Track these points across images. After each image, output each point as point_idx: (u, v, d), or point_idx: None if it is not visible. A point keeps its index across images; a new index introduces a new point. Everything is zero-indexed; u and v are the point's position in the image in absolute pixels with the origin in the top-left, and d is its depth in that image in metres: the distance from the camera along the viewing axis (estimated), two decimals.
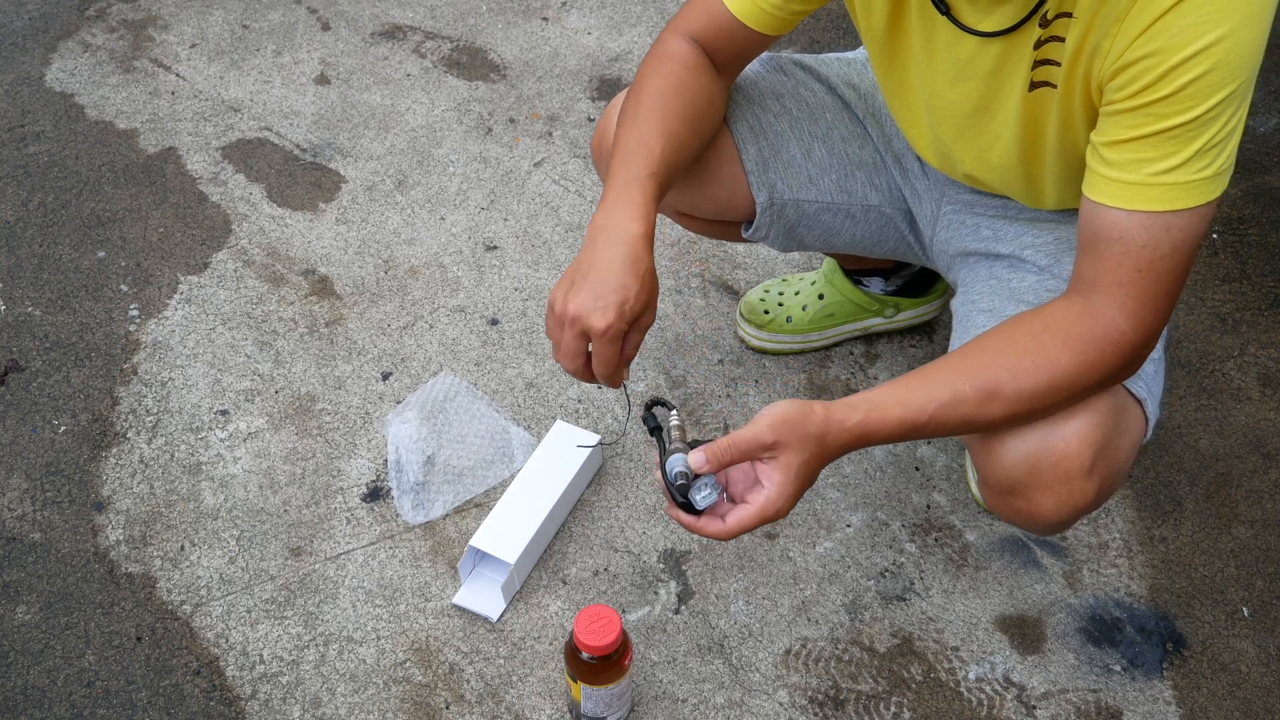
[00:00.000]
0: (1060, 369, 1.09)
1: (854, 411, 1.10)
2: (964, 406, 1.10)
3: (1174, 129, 1.00)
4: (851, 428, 1.10)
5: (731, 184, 1.44)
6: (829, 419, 1.09)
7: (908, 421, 1.10)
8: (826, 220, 1.49)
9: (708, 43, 1.31)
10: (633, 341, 1.20)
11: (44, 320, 1.84)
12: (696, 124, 1.30)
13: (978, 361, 1.11)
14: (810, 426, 1.08)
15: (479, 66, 2.29)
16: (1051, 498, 1.18)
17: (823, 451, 1.10)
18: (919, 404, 1.10)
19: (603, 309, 1.15)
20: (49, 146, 2.12)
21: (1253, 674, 1.46)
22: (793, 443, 1.08)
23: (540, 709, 1.42)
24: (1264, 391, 1.74)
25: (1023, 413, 1.12)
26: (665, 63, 1.30)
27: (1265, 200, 2.02)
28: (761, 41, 1.32)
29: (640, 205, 1.19)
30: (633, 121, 1.25)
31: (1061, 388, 1.10)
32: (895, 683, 1.45)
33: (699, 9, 1.31)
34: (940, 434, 1.13)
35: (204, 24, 2.37)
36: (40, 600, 1.52)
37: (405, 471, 1.64)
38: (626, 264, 1.17)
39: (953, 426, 1.12)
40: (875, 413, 1.10)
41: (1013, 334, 1.12)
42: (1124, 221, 1.05)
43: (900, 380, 1.13)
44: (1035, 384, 1.09)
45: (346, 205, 2.03)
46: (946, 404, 1.10)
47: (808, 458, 1.09)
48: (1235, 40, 0.96)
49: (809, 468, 1.10)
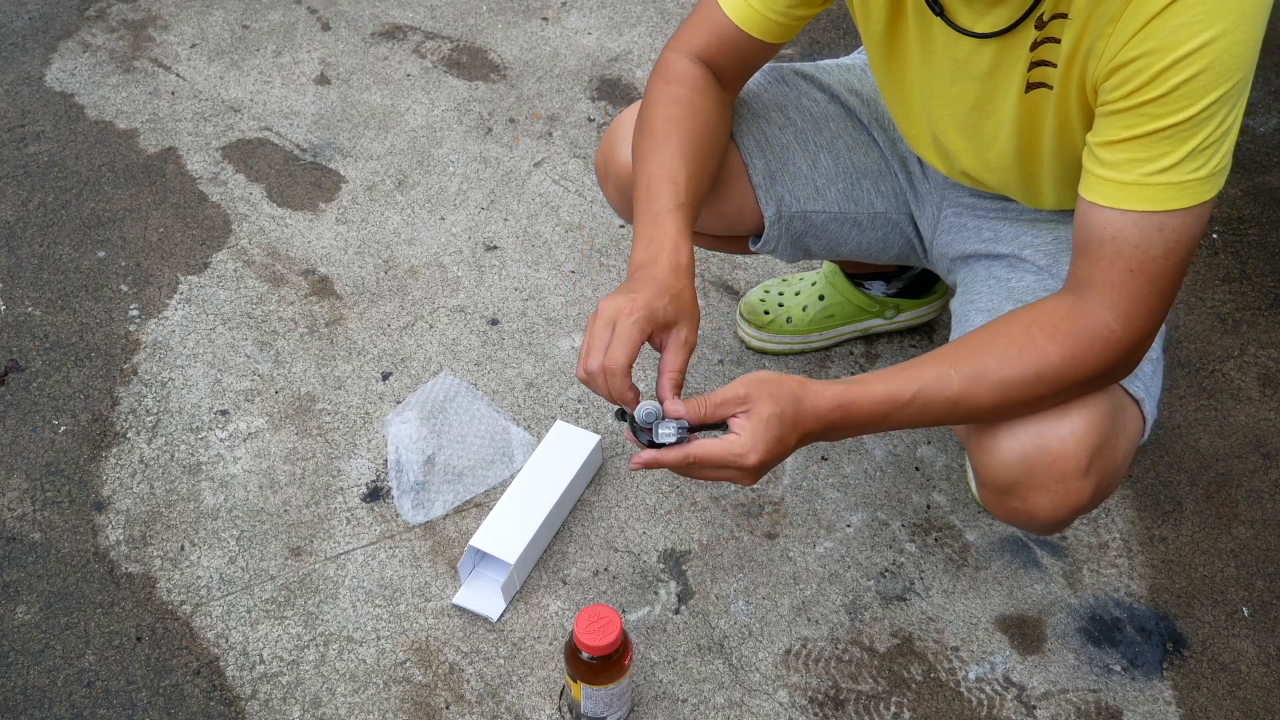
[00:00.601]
0: (1047, 360, 1.09)
1: (835, 384, 1.12)
2: (949, 389, 1.11)
3: (1168, 129, 1.00)
4: (830, 396, 1.11)
5: (739, 199, 1.45)
6: (805, 385, 1.11)
7: (890, 398, 1.11)
8: (834, 229, 1.49)
9: (711, 58, 1.31)
10: (671, 358, 1.17)
11: (44, 320, 1.84)
12: (711, 146, 1.30)
13: (966, 350, 1.13)
14: (785, 386, 1.11)
15: (479, 66, 2.29)
16: (1048, 497, 1.18)
17: (797, 412, 1.11)
18: (902, 381, 1.11)
19: (632, 296, 1.15)
20: (49, 146, 2.12)
21: (1253, 674, 1.46)
22: (764, 396, 1.10)
23: (540, 709, 1.42)
24: (1264, 391, 1.74)
25: (1008, 401, 1.12)
26: (672, 86, 1.30)
27: (1265, 200, 2.02)
28: (766, 50, 1.32)
29: (673, 237, 1.20)
30: (651, 152, 1.25)
31: (1048, 379, 1.10)
32: (895, 683, 1.45)
33: (700, 23, 1.31)
34: (925, 419, 1.13)
35: (204, 24, 2.37)
36: (40, 600, 1.52)
37: (405, 471, 1.64)
38: (665, 279, 1.18)
39: (937, 410, 1.12)
40: (856, 386, 1.12)
41: (1003, 325, 1.13)
42: (1117, 221, 1.05)
43: (889, 367, 1.15)
44: (1020, 372, 1.10)
45: (346, 205, 2.03)
46: (930, 384, 1.11)
47: (780, 411, 1.10)
48: (1229, 40, 0.96)
49: (780, 421, 1.10)
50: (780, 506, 1.62)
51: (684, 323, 1.18)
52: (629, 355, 1.14)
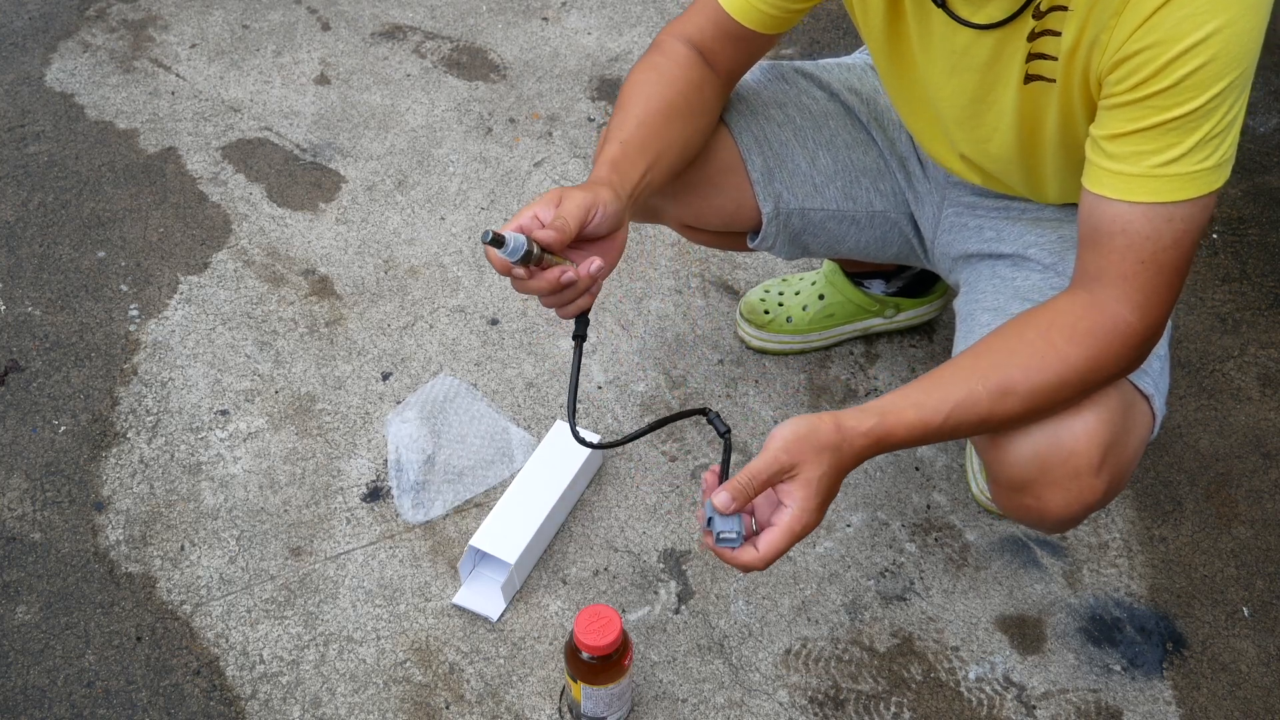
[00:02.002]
0: (1069, 364, 1.09)
1: (867, 417, 1.09)
2: (979, 406, 1.09)
3: (1175, 120, 1.00)
4: (866, 432, 1.08)
5: (737, 195, 1.45)
6: (841, 428, 1.08)
7: (923, 424, 1.09)
8: (832, 227, 1.49)
9: (705, 45, 1.32)
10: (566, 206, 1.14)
11: (44, 320, 1.84)
12: (684, 113, 1.30)
13: (989, 362, 1.11)
14: (823, 438, 1.07)
15: (479, 66, 2.29)
16: (1061, 495, 1.18)
17: (839, 461, 1.08)
18: (934, 406, 1.09)
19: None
20: (49, 146, 2.12)
21: (1253, 674, 1.46)
22: (809, 458, 1.06)
23: (540, 709, 1.42)
24: (1264, 391, 1.74)
25: (1036, 409, 1.12)
26: (653, 56, 1.32)
27: (1265, 200, 2.02)
28: (760, 41, 1.32)
29: (596, 166, 1.21)
30: (613, 115, 1.27)
31: (1072, 383, 1.10)
32: (895, 683, 1.45)
33: (696, 11, 1.32)
34: (956, 435, 1.12)
35: (204, 24, 2.37)
36: (40, 600, 1.52)
37: (405, 471, 1.64)
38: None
39: (969, 427, 1.12)
40: (890, 416, 1.09)
41: (1021, 332, 1.11)
42: (1126, 214, 1.05)
43: (912, 385, 1.12)
44: (1045, 380, 1.09)
45: (346, 205, 2.03)
46: (961, 404, 1.09)
47: (826, 470, 1.07)
48: (1234, 30, 0.96)
49: (828, 480, 1.08)
50: None
51: (570, 190, 1.15)
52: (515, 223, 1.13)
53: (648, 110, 1.26)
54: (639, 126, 1.25)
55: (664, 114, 1.27)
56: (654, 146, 1.26)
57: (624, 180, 1.21)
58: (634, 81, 1.30)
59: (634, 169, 1.22)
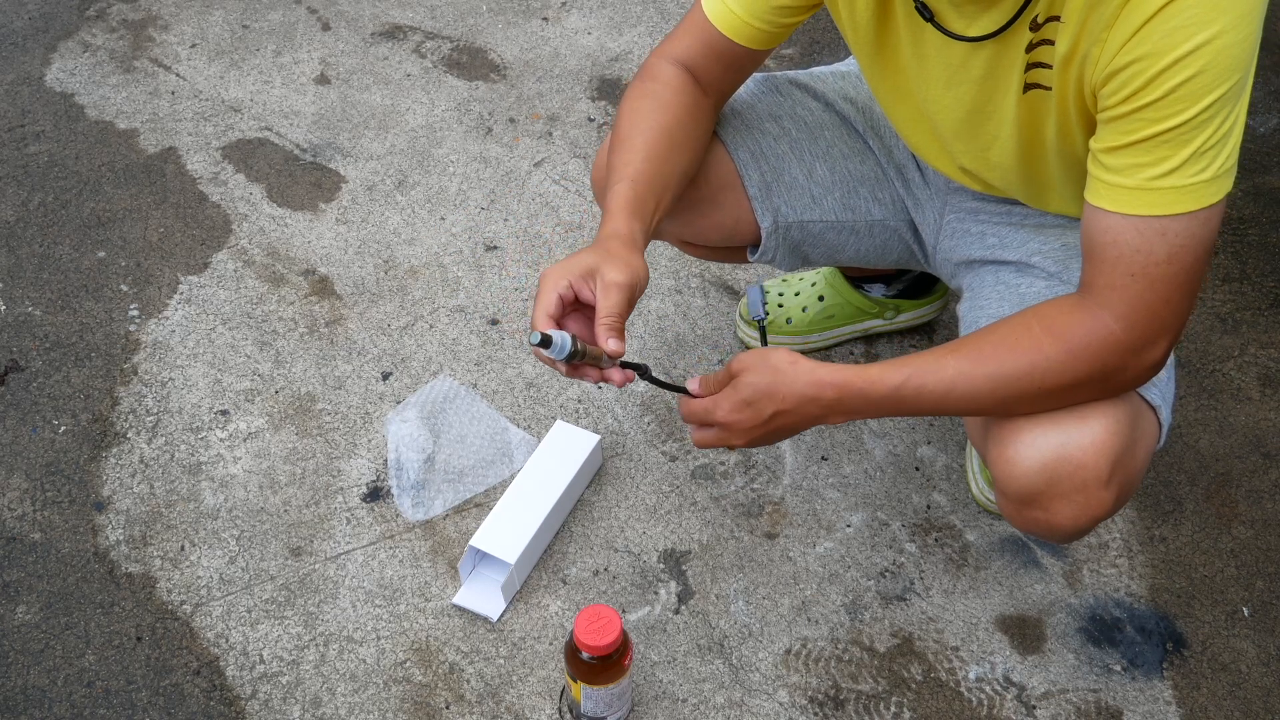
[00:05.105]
0: (1042, 354, 1.10)
1: (825, 365, 1.17)
2: (943, 374, 1.12)
3: (1168, 132, 0.99)
4: (822, 370, 1.15)
5: (735, 210, 1.45)
6: (797, 361, 1.16)
7: (885, 380, 1.14)
8: (832, 238, 1.49)
9: (695, 63, 1.32)
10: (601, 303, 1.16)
11: (44, 320, 1.84)
12: (683, 141, 1.31)
13: (965, 341, 1.15)
14: (774, 357, 1.17)
15: (479, 66, 2.29)
16: (1070, 507, 1.17)
17: (773, 383, 1.16)
18: (897, 365, 1.15)
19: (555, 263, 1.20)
20: (49, 146, 2.12)
21: (1253, 674, 1.46)
22: (751, 365, 1.18)
23: (540, 709, 1.42)
24: (1264, 391, 1.74)
25: (1004, 394, 1.12)
26: (645, 83, 1.32)
27: (1265, 200, 2.02)
28: (751, 57, 1.32)
29: (613, 213, 1.22)
30: (616, 149, 1.28)
31: (1046, 374, 1.10)
32: (895, 683, 1.45)
33: (685, 30, 1.32)
34: (922, 404, 1.15)
35: (204, 24, 2.37)
36: (40, 600, 1.52)
37: (405, 471, 1.64)
38: (596, 248, 1.20)
39: (932, 395, 1.13)
40: (850, 370, 1.15)
41: (1004, 322, 1.14)
42: (1118, 226, 1.05)
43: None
44: (1015, 365, 1.11)
45: (346, 205, 2.03)
46: (926, 368, 1.13)
47: (765, 382, 1.16)
48: (1225, 41, 0.95)
49: (754, 388, 1.16)
50: (780, 506, 1.62)
51: (605, 267, 1.16)
52: (546, 308, 1.16)
53: (650, 142, 1.27)
54: (645, 161, 1.25)
55: (667, 144, 1.28)
56: (661, 181, 1.27)
57: (644, 226, 1.23)
58: (632, 110, 1.30)
59: (647, 209, 1.24)
